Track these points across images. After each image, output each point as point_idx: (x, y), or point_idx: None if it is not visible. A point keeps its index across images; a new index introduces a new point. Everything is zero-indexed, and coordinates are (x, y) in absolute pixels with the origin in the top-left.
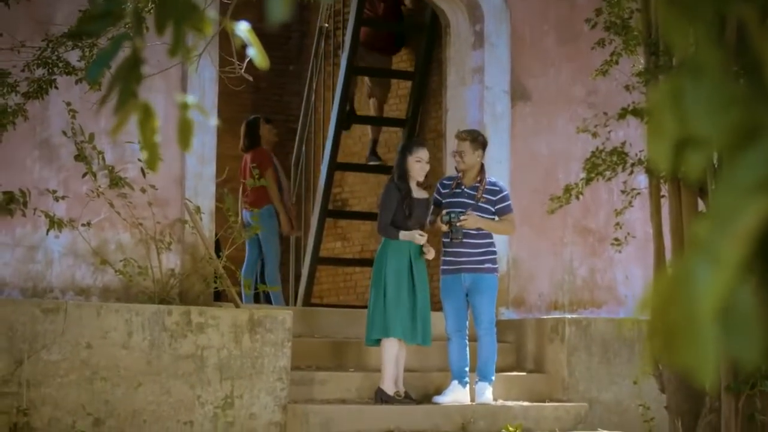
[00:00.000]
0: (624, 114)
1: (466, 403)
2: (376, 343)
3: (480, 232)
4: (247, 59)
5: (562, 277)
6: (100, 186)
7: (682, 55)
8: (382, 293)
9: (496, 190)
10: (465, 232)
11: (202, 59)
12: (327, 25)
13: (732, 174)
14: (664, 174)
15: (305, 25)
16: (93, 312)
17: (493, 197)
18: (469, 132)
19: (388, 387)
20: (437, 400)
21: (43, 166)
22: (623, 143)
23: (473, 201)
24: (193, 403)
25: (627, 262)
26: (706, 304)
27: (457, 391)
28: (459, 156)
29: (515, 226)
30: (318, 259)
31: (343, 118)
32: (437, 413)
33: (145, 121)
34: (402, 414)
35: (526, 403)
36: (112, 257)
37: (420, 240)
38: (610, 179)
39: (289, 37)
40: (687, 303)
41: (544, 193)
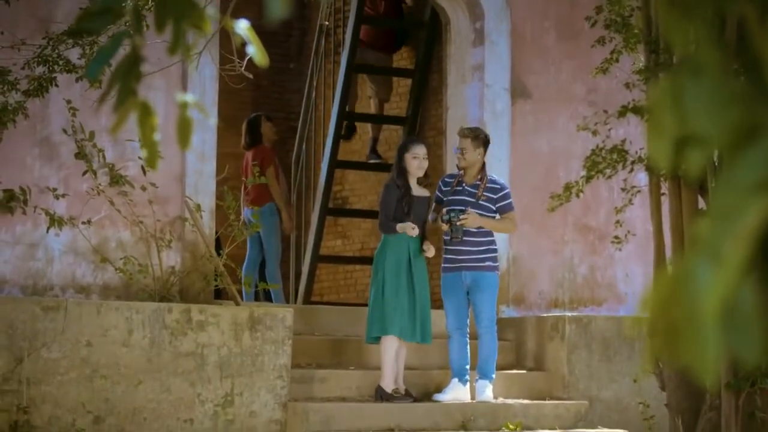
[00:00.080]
0: (624, 112)
1: (467, 401)
2: (375, 340)
3: (481, 230)
4: (248, 57)
5: (562, 275)
6: (100, 184)
7: (683, 54)
8: (380, 291)
9: (497, 188)
10: (466, 230)
11: (203, 57)
12: (327, 22)
13: (732, 173)
14: (664, 172)
15: (306, 23)
16: (93, 310)
17: (494, 195)
18: (471, 129)
19: (387, 384)
20: (437, 398)
21: (43, 163)
22: (623, 141)
23: (474, 199)
24: (193, 401)
25: (627, 259)
26: (707, 303)
27: (457, 389)
28: (460, 153)
29: (516, 225)
30: (318, 257)
31: (343, 116)
32: (437, 411)
33: (145, 119)
34: (402, 412)
35: (526, 401)
36: (113, 255)
37: (412, 232)
38: (611, 177)
39: (290, 35)
40: (688, 302)
41: (545, 191)
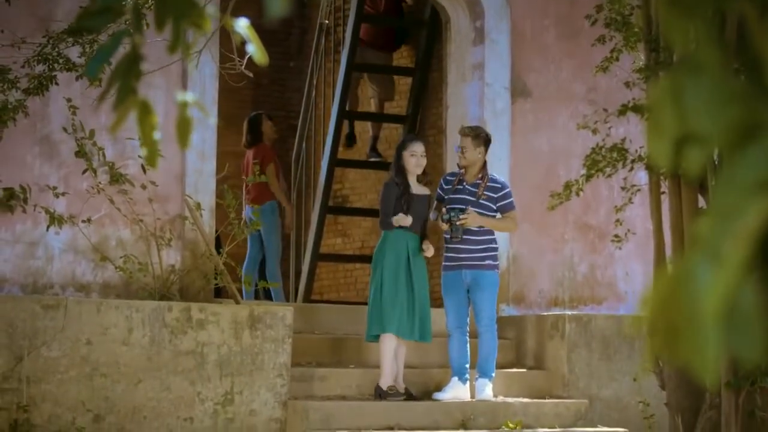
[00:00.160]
0: (624, 110)
1: (467, 400)
2: (375, 339)
3: (481, 229)
4: (248, 56)
5: (562, 274)
6: (100, 182)
7: (683, 52)
8: (379, 289)
9: (497, 188)
10: (466, 229)
11: (203, 56)
12: (327, 21)
13: (732, 172)
14: (664, 171)
15: (306, 22)
16: (93, 308)
17: (495, 195)
18: (472, 128)
19: (384, 382)
20: (437, 396)
21: (43, 162)
22: (623, 140)
23: (474, 198)
24: (193, 400)
25: (627, 258)
26: (707, 302)
27: (457, 387)
28: (461, 152)
29: (517, 224)
30: (318, 256)
31: (344, 114)
32: (437, 410)
33: (144, 117)
34: (402, 410)
35: (526, 400)
36: (113, 253)
37: (406, 220)
38: (611, 176)
39: (290, 34)
40: (688, 301)
41: (545, 189)
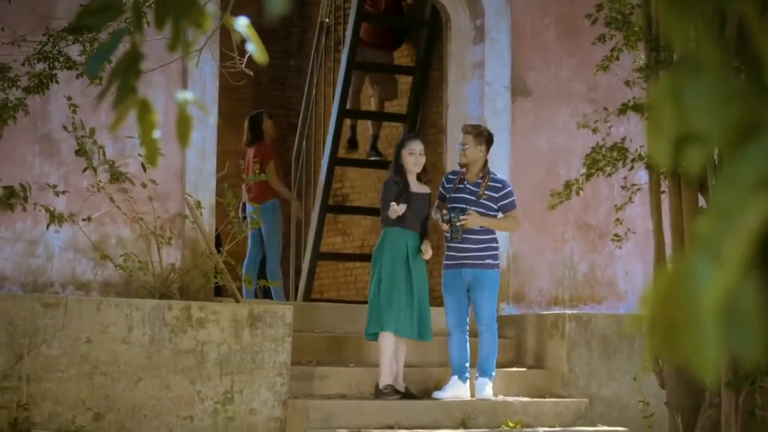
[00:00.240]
0: (624, 110)
1: (466, 399)
2: (374, 337)
3: (482, 228)
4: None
5: (562, 273)
6: (100, 181)
7: (683, 51)
8: (377, 287)
9: (498, 187)
10: (466, 228)
11: (203, 54)
12: (328, 20)
13: (732, 171)
14: (664, 170)
15: (306, 20)
16: (93, 307)
17: (496, 194)
18: (475, 126)
19: (382, 381)
20: (437, 395)
21: (43, 160)
22: (623, 139)
23: (475, 198)
24: (193, 398)
25: (627, 257)
26: (706, 301)
27: (457, 386)
28: (462, 149)
29: (519, 223)
30: (318, 255)
31: (344, 113)
32: (437, 408)
33: (144, 116)
34: (402, 409)
35: (526, 399)
36: (113, 252)
37: (398, 210)
38: (611, 175)
39: (290, 32)
40: (688, 300)
41: (545, 188)
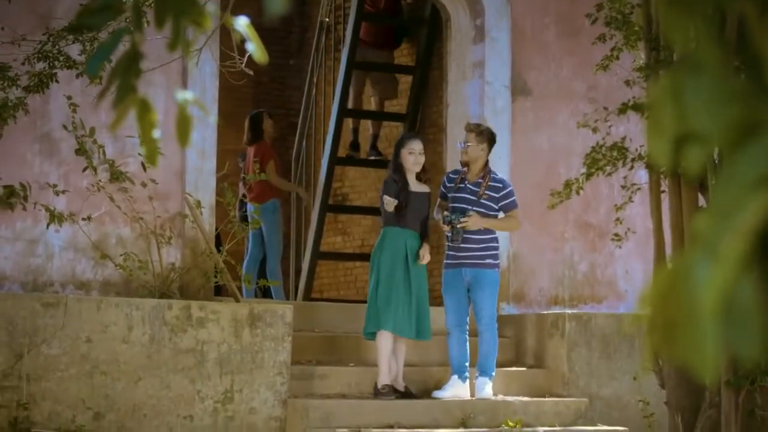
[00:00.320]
0: (624, 109)
1: (466, 398)
2: (372, 336)
3: (482, 228)
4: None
5: (562, 272)
6: (100, 180)
7: (683, 51)
8: (376, 286)
9: (499, 187)
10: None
11: (203, 54)
12: (328, 19)
13: (732, 170)
14: (664, 169)
15: (306, 20)
16: (93, 306)
17: (497, 194)
18: (477, 125)
19: (380, 380)
20: (437, 395)
21: (43, 160)
22: (623, 138)
23: (476, 197)
24: (193, 398)
25: (627, 257)
26: (706, 300)
27: (456, 386)
28: (464, 147)
29: (519, 223)
30: (318, 254)
31: (344, 113)
32: (437, 408)
33: (144, 115)
34: (402, 408)
35: (526, 398)
36: (113, 251)
37: (391, 201)
38: (611, 174)
39: (290, 32)
40: (687, 298)
41: (545, 188)
